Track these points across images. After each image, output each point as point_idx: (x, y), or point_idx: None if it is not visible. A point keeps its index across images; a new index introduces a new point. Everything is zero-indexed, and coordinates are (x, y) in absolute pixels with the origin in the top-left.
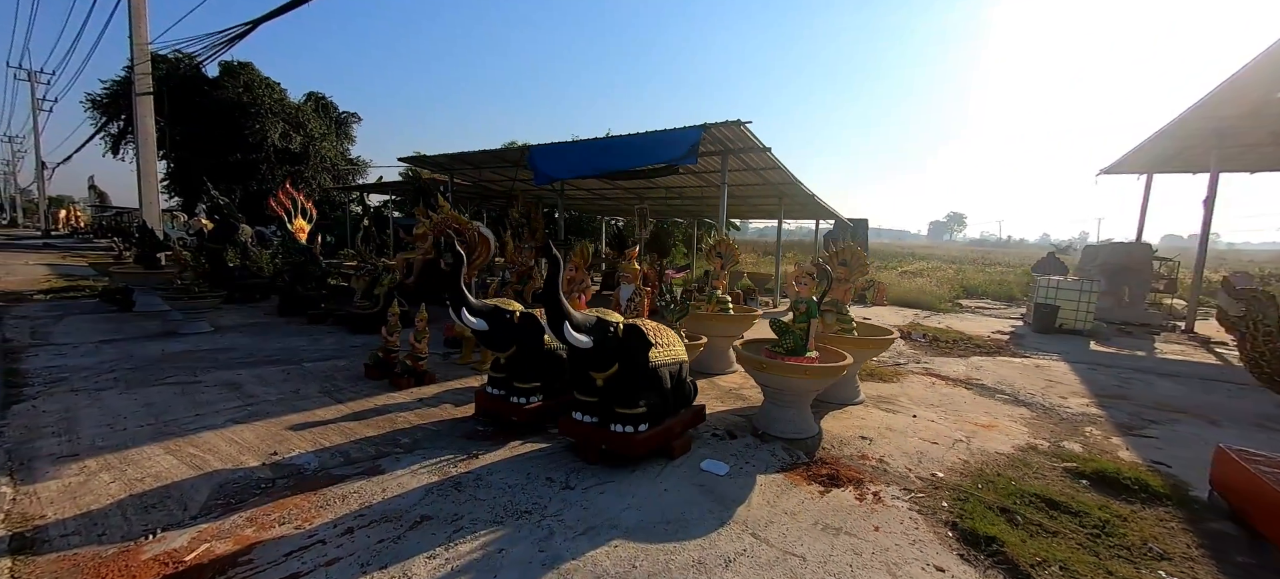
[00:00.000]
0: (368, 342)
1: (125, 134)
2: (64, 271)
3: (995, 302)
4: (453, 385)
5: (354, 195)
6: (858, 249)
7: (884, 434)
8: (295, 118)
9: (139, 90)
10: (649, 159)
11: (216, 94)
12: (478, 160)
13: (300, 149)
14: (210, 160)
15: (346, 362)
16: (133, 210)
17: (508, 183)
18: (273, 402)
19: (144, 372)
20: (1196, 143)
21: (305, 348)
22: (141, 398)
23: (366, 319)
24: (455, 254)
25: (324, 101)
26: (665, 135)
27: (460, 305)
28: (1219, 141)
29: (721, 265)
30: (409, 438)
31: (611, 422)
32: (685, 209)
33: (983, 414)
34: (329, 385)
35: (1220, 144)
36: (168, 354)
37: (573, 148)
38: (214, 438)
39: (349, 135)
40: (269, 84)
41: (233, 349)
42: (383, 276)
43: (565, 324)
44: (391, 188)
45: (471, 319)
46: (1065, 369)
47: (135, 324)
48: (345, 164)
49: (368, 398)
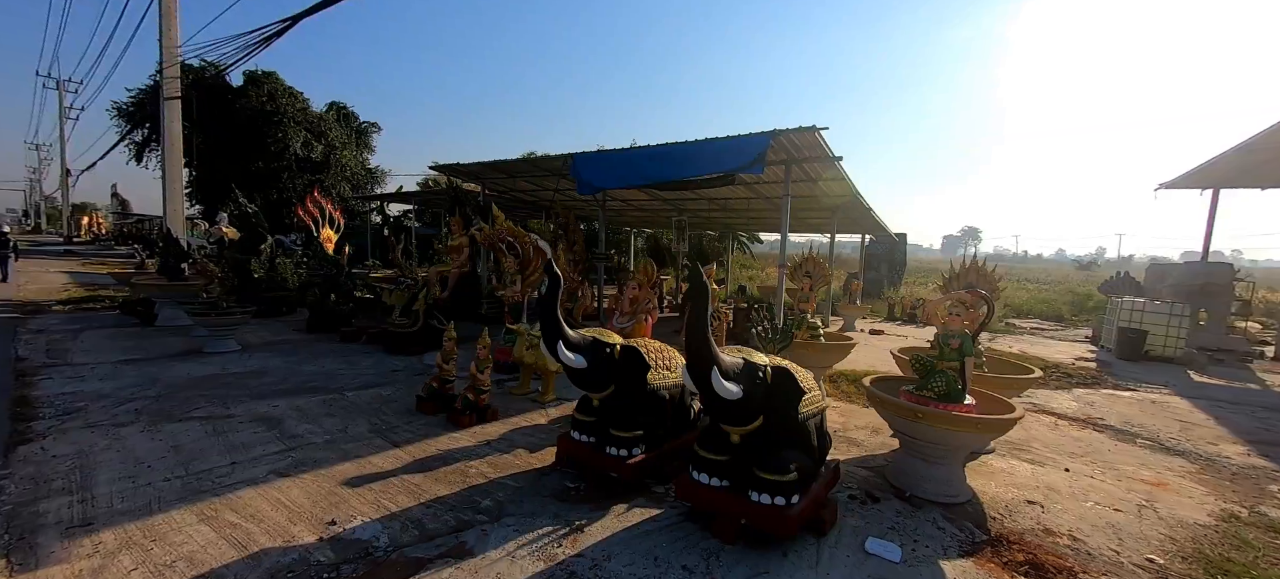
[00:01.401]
0: (408, 364)
1: (150, 142)
2: (84, 280)
3: (1046, 322)
4: (518, 423)
5: (374, 205)
6: (988, 271)
7: (1049, 496)
8: (317, 127)
9: (167, 94)
10: (708, 168)
11: (240, 102)
12: (513, 169)
13: (322, 158)
14: (233, 168)
15: (392, 390)
16: (154, 218)
17: (548, 193)
18: (319, 445)
19: (169, 401)
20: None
21: (343, 372)
22: (168, 438)
23: (404, 338)
24: (552, 276)
25: (345, 111)
26: (728, 143)
27: (556, 338)
28: None
29: (810, 285)
30: (489, 498)
31: (750, 487)
32: (726, 222)
33: (1140, 467)
34: (379, 422)
35: None
36: (194, 379)
37: (621, 156)
38: (256, 498)
39: (369, 145)
40: (292, 93)
41: (265, 373)
42: (421, 292)
43: (714, 372)
44: (412, 197)
45: (568, 355)
46: (1187, 406)
47: (158, 341)
48: (365, 173)
49: (426, 439)
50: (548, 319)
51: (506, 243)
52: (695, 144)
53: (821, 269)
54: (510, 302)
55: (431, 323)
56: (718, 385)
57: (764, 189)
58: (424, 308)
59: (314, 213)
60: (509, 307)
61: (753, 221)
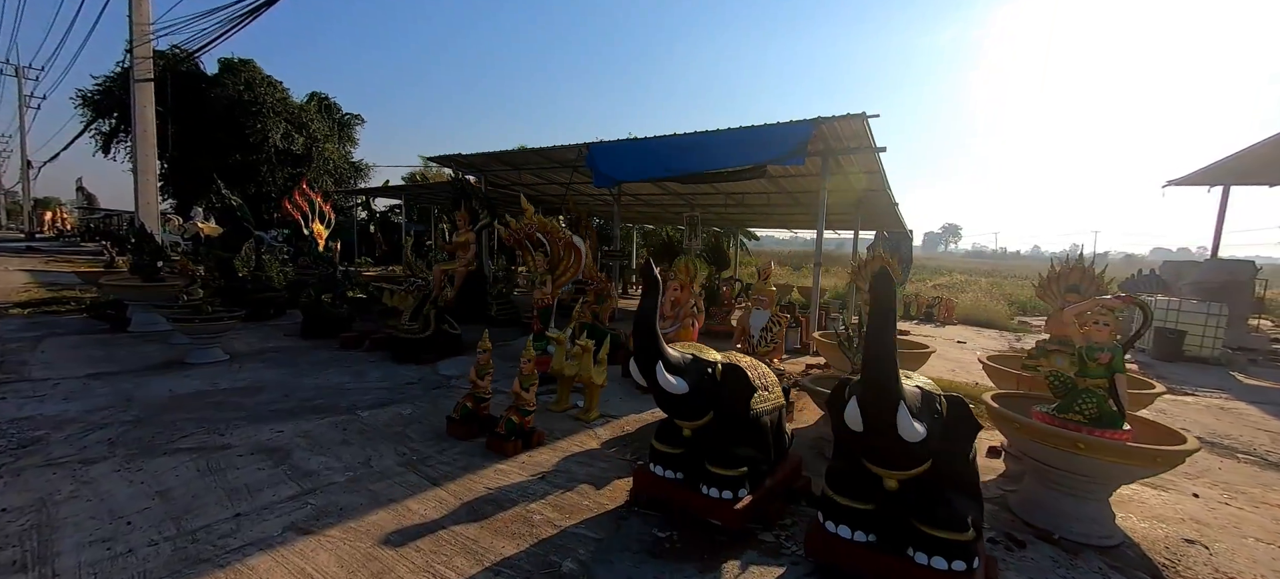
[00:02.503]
0: (423, 376)
1: (118, 132)
2: (47, 280)
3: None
4: (568, 448)
5: (359, 199)
6: (1095, 272)
7: (1203, 533)
8: (298, 118)
9: (138, 76)
10: (743, 159)
11: (215, 91)
12: (518, 160)
13: (303, 150)
14: (208, 160)
15: (412, 409)
16: (124, 212)
17: (554, 187)
18: (340, 485)
19: (150, 427)
20: None
21: (350, 387)
22: (151, 479)
23: (415, 345)
24: (650, 279)
25: (327, 102)
26: (765, 132)
27: (655, 359)
28: None
29: None
30: (570, 557)
31: (912, 545)
32: (737, 217)
33: (1265, 490)
34: (408, 451)
35: None
36: (178, 397)
37: (642, 146)
38: (274, 568)
39: (351, 138)
40: (271, 83)
41: (260, 388)
42: (433, 294)
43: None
44: (400, 192)
45: (670, 380)
46: (1258, 413)
47: (132, 350)
48: (348, 167)
49: (469, 473)
50: (646, 335)
51: (535, 239)
52: (728, 133)
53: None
54: (540, 305)
55: (443, 328)
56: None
57: (787, 182)
58: (435, 311)
59: (303, 206)
60: (537, 311)
61: (766, 217)
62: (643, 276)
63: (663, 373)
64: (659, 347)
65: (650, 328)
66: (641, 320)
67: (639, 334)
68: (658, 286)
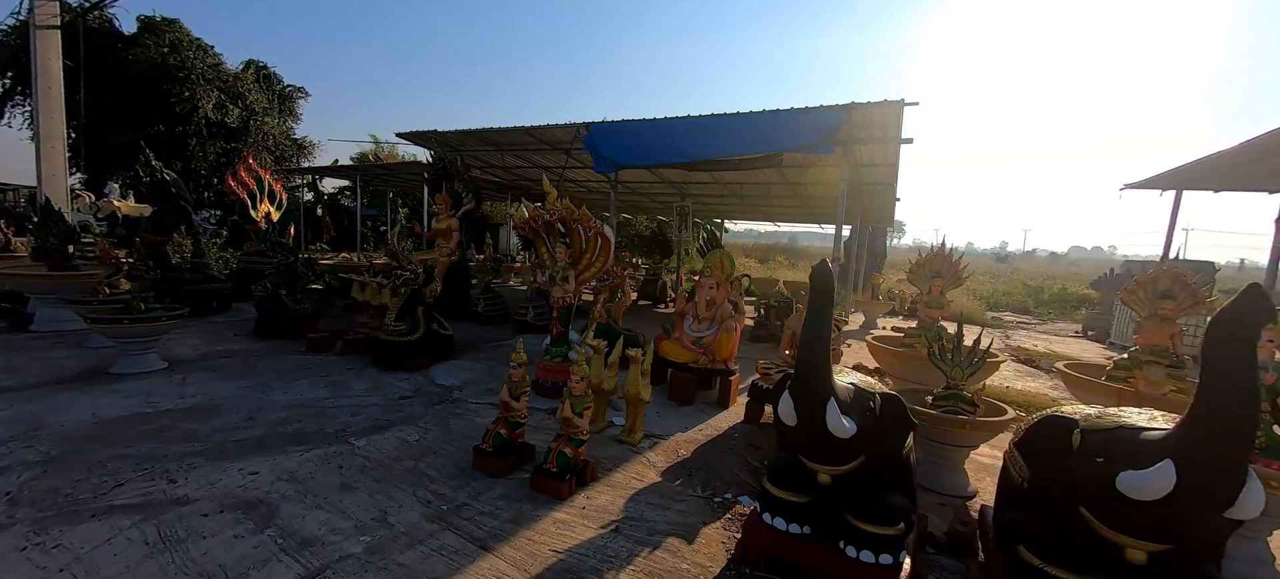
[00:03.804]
0: (417, 385)
1: (13, 94)
2: None
3: (1019, 316)
4: (627, 483)
5: (305, 180)
6: (1191, 276)
7: None
8: (233, 88)
9: (40, 21)
10: (764, 146)
11: (133, 53)
12: (503, 140)
13: (239, 123)
14: (126, 131)
15: (419, 434)
16: (20, 187)
17: (537, 172)
18: (356, 558)
19: (68, 472)
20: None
21: (332, 403)
22: (75, 559)
23: (402, 349)
24: (822, 279)
25: (266, 72)
26: (791, 118)
27: (826, 396)
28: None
29: (941, 288)
30: None
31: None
32: (732, 209)
33: None
34: (432, 497)
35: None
36: (105, 423)
37: (650, 128)
38: None
39: (294, 112)
40: (201, 47)
41: (215, 408)
42: (423, 286)
43: None
44: (352, 172)
45: (842, 423)
46: None
47: (35, 356)
48: (291, 144)
49: (523, 528)
50: (819, 364)
51: (555, 228)
52: (750, 117)
53: (954, 269)
54: (561, 305)
55: (435, 329)
56: None
57: (791, 173)
58: (424, 310)
59: (249, 183)
60: (557, 311)
61: (760, 209)
62: (812, 284)
63: (836, 415)
64: (831, 381)
65: (826, 355)
66: (817, 345)
67: (809, 363)
68: (831, 299)
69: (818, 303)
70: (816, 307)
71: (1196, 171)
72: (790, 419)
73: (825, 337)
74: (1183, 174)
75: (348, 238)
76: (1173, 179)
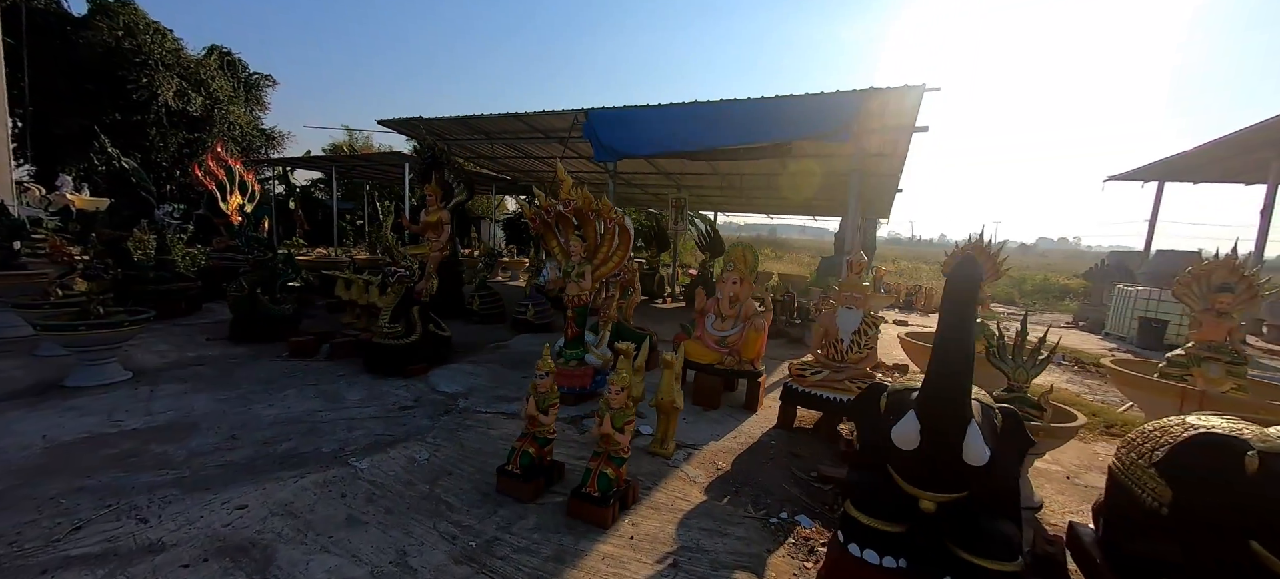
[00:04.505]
0: (417, 393)
1: None
2: None
3: (1007, 307)
4: (671, 502)
5: (275, 172)
6: (1247, 267)
7: None
8: (195, 74)
9: None
10: (775, 134)
11: (84, 36)
12: (493, 128)
13: (202, 112)
14: (77, 119)
15: (428, 450)
16: None
17: (528, 162)
18: None
19: (7, 514)
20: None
21: (326, 416)
22: None
23: (397, 353)
24: (967, 288)
25: (231, 58)
26: (804, 104)
27: (967, 418)
28: None
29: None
30: None
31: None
32: (727, 201)
33: None
34: (456, 530)
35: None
36: (59, 447)
37: (653, 116)
38: None
39: (261, 101)
40: (159, 30)
41: (191, 425)
42: (417, 283)
43: None
44: (326, 163)
45: (985, 449)
46: None
47: None
48: (258, 134)
49: (569, 567)
50: (957, 381)
51: (568, 221)
52: (760, 103)
53: (994, 262)
54: (575, 303)
55: (432, 330)
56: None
57: (794, 162)
58: (420, 310)
59: (218, 174)
60: (573, 311)
61: (756, 200)
62: (951, 285)
63: (978, 441)
64: (970, 403)
65: (969, 373)
66: (958, 361)
67: (948, 382)
68: (975, 304)
69: (959, 308)
70: (958, 313)
71: (1178, 165)
72: (910, 444)
73: (969, 351)
74: (1165, 167)
75: (322, 232)
76: (1155, 172)
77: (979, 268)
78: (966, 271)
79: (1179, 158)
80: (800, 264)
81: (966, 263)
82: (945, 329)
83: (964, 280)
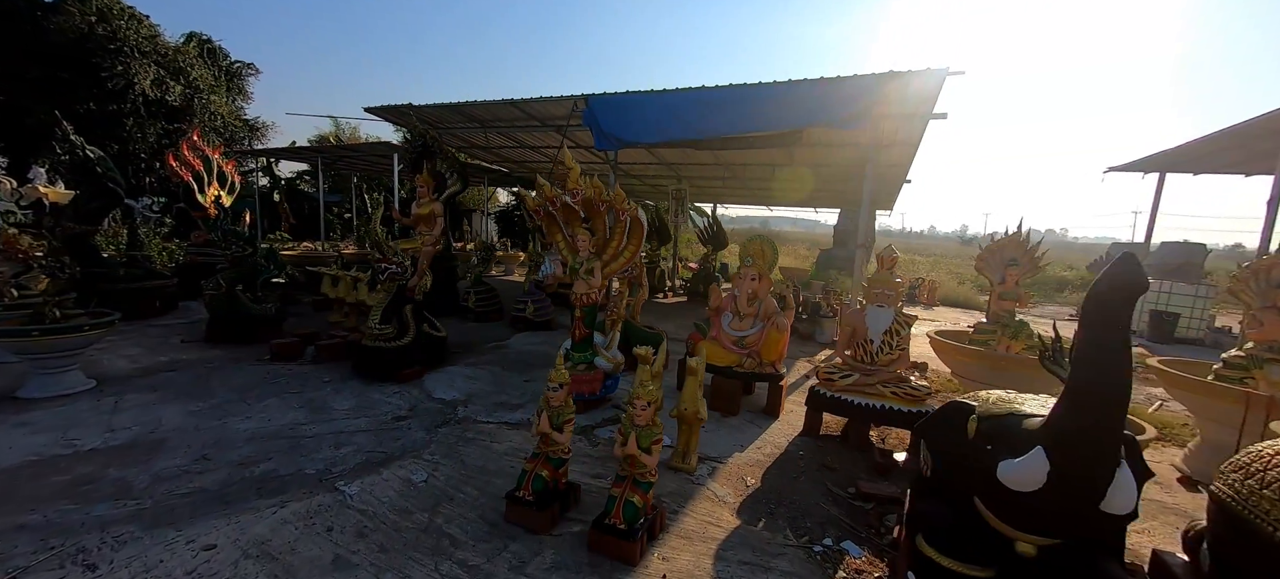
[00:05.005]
0: (413, 402)
1: None
2: None
3: None
4: (704, 529)
5: (259, 163)
6: None
7: None
8: (173, 62)
9: None
10: (788, 121)
11: (54, 22)
12: (487, 116)
13: (181, 102)
14: (50, 108)
15: (426, 469)
16: None
17: (521, 152)
18: None
19: None
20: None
21: (310, 430)
22: None
23: (389, 356)
24: (1125, 269)
25: (211, 46)
26: (818, 89)
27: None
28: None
29: (1016, 278)
30: None
31: None
32: (726, 194)
33: None
34: (464, 575)
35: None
36: (3, 473)
37: (658, 102)
38: None
39: (243, 90)
40: (134, 16)
41: (158, 443)
42: (407, 281)
43: None
44: (312, 154)
45: (1136, 494)
46: None
47: None
48: (241, 125)
49: None
50: (1112, 414)
51: (574, 212)
52: (772, 88)
53: (1032, 256)
54: (584, 302)
55: (426, 331)
56: None
57: (800, 152)
58: (413, 309)
59: (194, 164)
60: (581, 310)
61: (758, 192)
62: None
63: (1130, 486)
64: (1121, 440)
65: (1126, 404)
66: (1113, 388)
67: (1101, 415)
68: (1130, 317)
69: (1115, 321)
70: (1114, 327)
71: (1177, 156)
72: (1035, 484)
73: (1128, 377)
74: (1164, 158)
75: (309, 225)
76: (1155, 163)
77: (1143, 270)
78: (1129, 274)
79: (1178, 150)
80: (798, 256)
81: (1127, 263)
82: (1096, 348)
83: (1125, 286)
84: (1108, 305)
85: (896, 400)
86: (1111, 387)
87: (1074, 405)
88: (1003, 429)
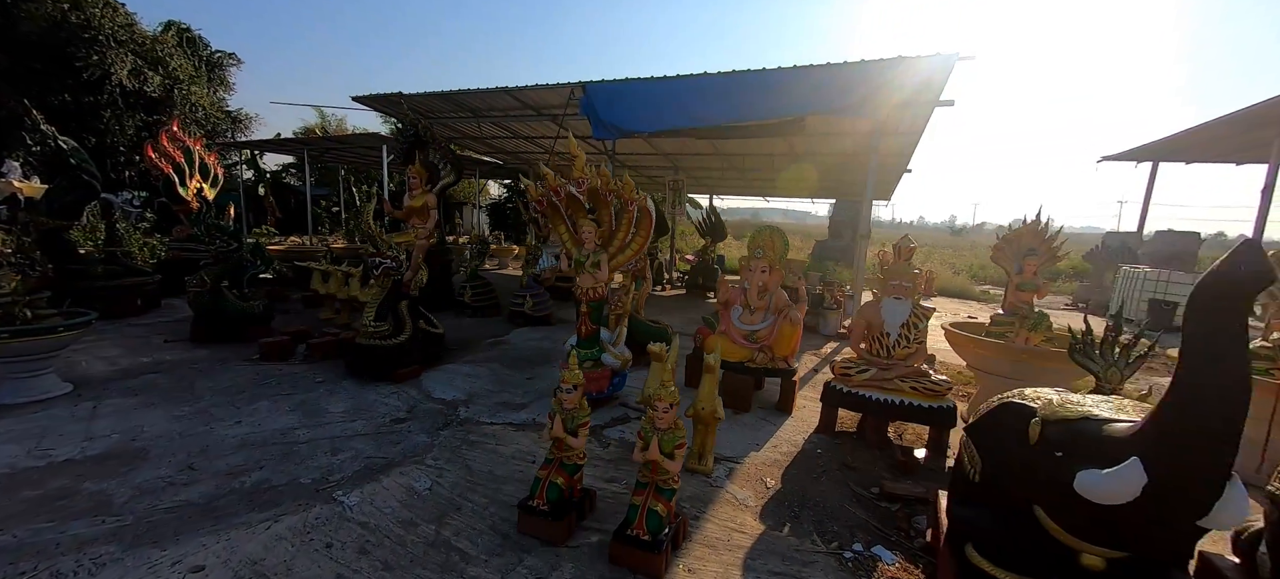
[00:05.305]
0: (411, 403)
1: None
2: None
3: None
4: (729, 538)
5: (243, 155)
6: None
7: None
8: (151, 52)
9: None
10: (793, 107)
11: (26, 8)
12: (479, 104)
13: (160, 92)
14: (22, 99)
15: (429, 476)
16: None
17: (514, 143)
18: None
19: None
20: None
21: (303, 435)
22: None
23: (385, 355)
24: (1246, 261)
25: (190, 35)
26: (825, 75)
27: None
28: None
29: (1035, 267)
30: None
31: None
32: (725, 184)
33: None
34: None
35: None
36: None
37: (657, 89)
38: None
39: (224, 82)
40: (110, 4)
41: (140, 453)
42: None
43: None
44: (297, 146)
45: (1246, 510)
46: None
47: None
48: (223, 117)
49: None
50: (1227, 423)
51: (578, 203)
52: (774, 75)
53: (1050, 246)
54: (590, 297)
55: (422, 327)
56: None
57: (800, 142)
58: (409, 305)
59: (174, 155)
60: (587, 306)
61: (757, 183)
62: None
63: (1241, 500)
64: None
65: (1244, 414)
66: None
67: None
68: (1248, 313)
69: (1233, 318)
70: (1232, 325)
71: (1171, 145)
72: (1127, 497)
73: (1247, 382)
74: (1158, 147)
75: (295, 220)
76: (1149, 152)
77: (1269, 259)
78: (1253, 265)
79: (1171, 139)
80: (792, 248)
81: (1250, 253)
82: (1212, 348)
83: (1246, 279)
84: (1228, 296)
85: (915, 395)
86: (1232, 388)
87: (1184, 410)
88: (1078, 435)
